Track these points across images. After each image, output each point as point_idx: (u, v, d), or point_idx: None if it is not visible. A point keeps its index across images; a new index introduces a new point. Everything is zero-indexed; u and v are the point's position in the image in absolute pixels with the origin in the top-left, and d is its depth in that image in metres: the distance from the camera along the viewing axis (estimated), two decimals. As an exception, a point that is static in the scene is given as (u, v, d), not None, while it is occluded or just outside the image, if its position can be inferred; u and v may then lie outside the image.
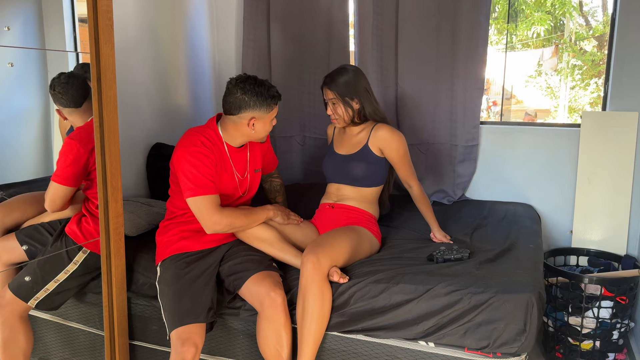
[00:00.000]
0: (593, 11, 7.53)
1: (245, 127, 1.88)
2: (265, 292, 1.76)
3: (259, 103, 1.84)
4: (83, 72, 1.85)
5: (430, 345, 1.74)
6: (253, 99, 1.83)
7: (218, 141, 1.91)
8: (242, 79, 1.85)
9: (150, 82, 2.68)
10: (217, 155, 1.89)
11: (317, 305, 1.73)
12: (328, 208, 2.16)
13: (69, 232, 1.92)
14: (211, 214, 1.81)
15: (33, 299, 1.90)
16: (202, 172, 1.81)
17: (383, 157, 2.12)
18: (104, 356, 1.95)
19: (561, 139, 2.73)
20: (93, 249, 1.93)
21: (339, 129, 2.26)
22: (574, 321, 2.28)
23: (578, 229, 2.65)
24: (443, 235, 2.17)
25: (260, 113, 1.86)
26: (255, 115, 1.85)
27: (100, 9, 1.70)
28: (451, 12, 2.69)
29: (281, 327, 1.76)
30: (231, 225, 1.86)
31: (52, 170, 1.93)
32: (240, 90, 1.83)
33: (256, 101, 1.83)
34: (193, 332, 1.73)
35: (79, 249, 1.91)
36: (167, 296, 1.80)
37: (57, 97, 1.87)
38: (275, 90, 1.89)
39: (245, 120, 1.86)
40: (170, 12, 2.81)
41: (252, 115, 1.85)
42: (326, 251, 1.79)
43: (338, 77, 2.10)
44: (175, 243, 1.92)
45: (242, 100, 1.83)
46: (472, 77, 2.72)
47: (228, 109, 1.87)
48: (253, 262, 1.88)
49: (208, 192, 1.81)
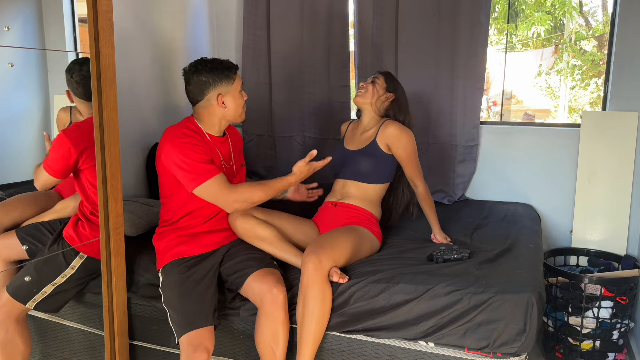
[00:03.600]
0: (593, 11, 7.53)
1: (217, 108, 1.86)
2: (267, 289, 1.76)
3: (217, 77, 1.82)
4: None
5: (430, 345, 1.74)
6: (210, 76, 1.81)
7: (199, 132, 1.88)
8: (192, 64, 1.85)
9: (150, 82, 2.68)
10: (202, 143, 1.85)
11: (318, 305, 1.73)
12: (330, 206, 2.17)
13: (66, 236, 1.91)
14: (226, 193, 1.78)
15: (31, 301, 1.89)
16: (197, 159, 1.77)
17: (390, 155, 2.13)
18: (104, 356, 1.94)
19: (561, 139, 2.73)
20: (90, 254, 1.93)
21: (353, 127, 2.29)
22: (574, 321, 2.28)
23: (578, 229, 2.65)
24: (443, 237, 2.17)
25: (224, 87, 1.84)
26: (220, 91, 1.84)
27: (100, 9, 1.70)
28: (451, 12, 2.69)
29: (279, 324, 1.76)
30: (250, 199, 1.81)
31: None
32: (195, 73, 1.82)
33: (214, 76, 1.82)
34: (204, 336, 1.72)
35: (76, 253, 1.91)
36: (173, 301, 1.79)
37: (72, 84, 1.89)
38: (229, 61, 1.87)
39: (214, 100, 1.84)
40: (170, 12, 2.81)
41: (218, 92, 1.84)
42: (327, 252, 1.79)
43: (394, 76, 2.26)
44: (173, 248, 1.89)
45: (200, 81, 1.82)
46: (472, 77, 2.72)
47: (193, 98, 1.86)
48: (254, 260, 1.87)
49: (211, 174, 1.77)
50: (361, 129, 2.23)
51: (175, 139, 1.79)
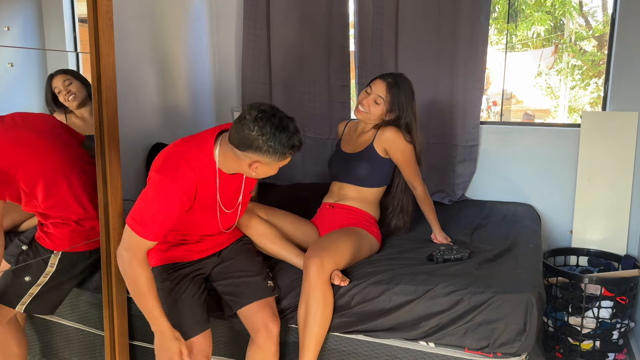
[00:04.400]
0: (593, 11, 7.52)
1: (246, 167, 1.58)
2: (261, 323, 1.74)
3: (272, 151, 1.50)
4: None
5: (430, 345, 1.74)
6: (268, 145, 1.49)
7: (209, 167, 1.62)
8: (264, 116, 1.48)
9: (150, 82, 2.68)
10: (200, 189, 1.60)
11: (320, 308, 1.73)
12: (328, 208, 2.16)
13: (37, 238, 1.87)
14: (132, 256, 1.53)
15: (20, 304, 1.86)
16: (160, 213, 1.53)
17: (388, 158, 2.11)
18: (104, 356, 1.94)
19: (561, 139, 2.73)
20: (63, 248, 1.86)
21: (350, 127, 2.27)
22: (574, 321, 2.28)
23: (578, 229, 2.65)
24: (444, 237, 2.16)
25: (269, 160, 1.54)
26: (261, 160, 1.54)
27: (100, 9, 1.70)
28: (451, 12, 2.69)
29: (270, 356, 1.75)
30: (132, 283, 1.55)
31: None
32: (258, 129, 1.47)
33: (270, 148, 1.50)
34: (200, 342, 1.71)
35: (50, 252, 1.87)
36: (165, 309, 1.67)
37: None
38: (298, 140, 1.54)
39: (249, 160, 1.55)
40: (171, 12, 2.82)
41: (258, 160, 1.54)
42: (330, 254, 1.79)
43: (402, 84, 2.06)
44: (163, 252, 1.81)
45: (255, 140, 1.48)
46: (472, 77, 2.72)
47: (235, 141, 1.52)
48: (249, 286, 1.81)
49: (148, 236, 1.53)
50: (359, 131, 2.20)
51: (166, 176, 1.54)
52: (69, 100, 1.96)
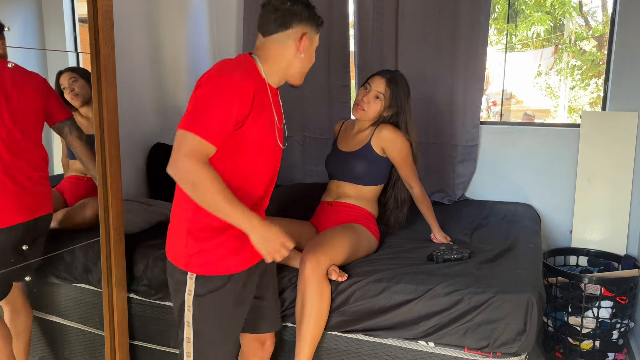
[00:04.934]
0: (593, 11, 7.53)
1: (292, 50, 1.49)
2: (257, 347, 1.72)
3: (311, 18, 1.51)
4: None
5: (430, 345, 1.74)
6: (306, 11, 1.49)
7: (260, 80, 1.46)
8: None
9: (150, 82, 2.68)
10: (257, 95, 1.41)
11: (316, 303, 1.73)
12: (327, 206, 2.16)
13: None
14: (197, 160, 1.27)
15: None
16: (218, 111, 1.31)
17: (385, 157, 2.12)
18: (104, 356, 1.94)
19: (561, 139, 2.73)
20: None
21: (347, 126, 2.27)
22: (573, 321, 2.28)
23: (578, 229, 2.65)
24: (443, 237, 2.16)
25: (311, 28, 1.52)
26: (307, 31, 1.50)
27: (100, 9, 1.70)
28: (451, 12, 2.70)
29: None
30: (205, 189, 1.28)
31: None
32: (291, 1, 1.47)
33: (309, 15, 1.50)
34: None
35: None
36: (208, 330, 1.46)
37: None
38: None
39: (297, 36, 1.48)
40: (171, 12, 2.82)
41: (305, 31, 1.49)
42: (325, 250, 1.79)
43: (399, 80, 2.10)
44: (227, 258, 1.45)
45: (293, 11, 1.46)
46: (472, 77, 2.72)
47: (271, 27, 1.46)
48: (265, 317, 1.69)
49: (208, 136, 1.29)
50: (356, 129, 2.20)
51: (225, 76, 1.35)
52: (73, 98, 1.95)
